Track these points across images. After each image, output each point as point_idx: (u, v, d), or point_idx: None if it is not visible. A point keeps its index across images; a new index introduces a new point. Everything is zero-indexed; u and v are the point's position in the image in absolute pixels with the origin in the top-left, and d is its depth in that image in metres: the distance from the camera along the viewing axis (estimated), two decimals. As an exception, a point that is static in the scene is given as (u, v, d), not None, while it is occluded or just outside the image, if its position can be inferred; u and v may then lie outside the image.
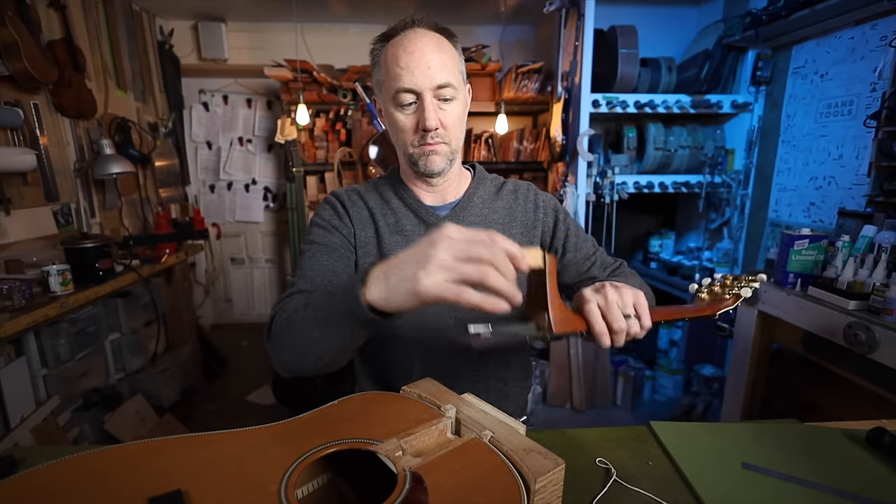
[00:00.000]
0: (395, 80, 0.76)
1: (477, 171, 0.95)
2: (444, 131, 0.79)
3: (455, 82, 0.78)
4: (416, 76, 0.75)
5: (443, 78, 0.75)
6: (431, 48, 0.76)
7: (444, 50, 0.77)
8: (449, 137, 0.80)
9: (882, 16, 1.73)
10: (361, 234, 0.88)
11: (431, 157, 0.80)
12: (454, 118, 0.79)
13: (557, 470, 0.49)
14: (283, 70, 2.78)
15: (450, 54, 0.78)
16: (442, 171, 0.82)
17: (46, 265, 1.61)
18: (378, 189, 0.93)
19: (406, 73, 0.75)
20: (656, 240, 2.86)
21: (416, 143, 0.80)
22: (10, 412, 1.54)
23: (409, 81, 0.75)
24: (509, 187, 0.94)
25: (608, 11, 2.40)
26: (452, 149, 0.82)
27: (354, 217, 0.88)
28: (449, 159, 0.82)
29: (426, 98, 0.76)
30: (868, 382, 1.34)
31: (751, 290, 0.70)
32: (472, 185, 0.91)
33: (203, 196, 3.50)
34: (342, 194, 0.92)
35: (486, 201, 0.91)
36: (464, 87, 0.83)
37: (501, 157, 3.02)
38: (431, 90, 0.76)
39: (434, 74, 0.75)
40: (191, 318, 2.70)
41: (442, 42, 0.78)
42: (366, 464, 0.54)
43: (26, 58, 1.69)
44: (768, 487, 0.60)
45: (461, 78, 0.81)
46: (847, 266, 1.37)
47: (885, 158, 1.62)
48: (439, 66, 0.75)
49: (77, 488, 0.44)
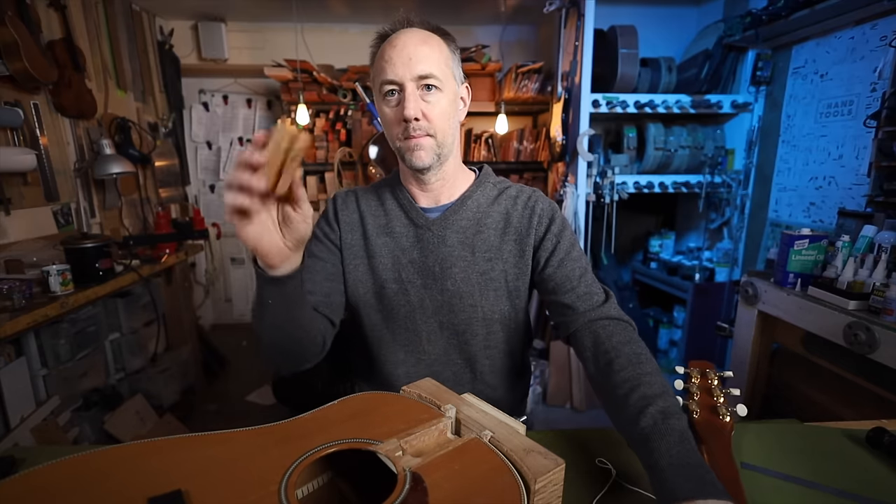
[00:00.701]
0: (380, 74, 0.78)
1: (482, 173, 0.93)
2: (428, 123, 0.77)
3: (439, 74, 0.77)
4: (398, 67, 0.75)
5: (424, 69, 0.75)
6: (415, 41, 0.76)
7: (430, 44, 0.77)
8: (434, 129, 0.78)
9: (882, 16, 1.73)
10: (348, 237, 0.90)
11: (416, 151, 0.79)
12: (439, 110, 0.78)
13: (557, 470, 0.49)
14: (283, 70, 2.78)
15: (436, 48, 0.78)
16: (429, 166, 0.80)
17: (46, 265, 1.61)
18: (377, 190, 0.93)
19: (388, 65, 0.76)
20: (656, 240, 2.86)
21: (401, 136, 0.79)
22: (10, 412, 1.54)
23: (391, 73, 0.76)
24: (511, 192, 0.91)
25: (608, 11, 2.40)
26: (439, 142, 0.80)
27: (343, 221, 0.90)
28: (436, 153, 0.80)
29: (407, 88, 0.76)
30: (868, 382, 1.34)
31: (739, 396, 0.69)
32: (471, 187, 0.90)
33: (203, 196, 3.50)
34: (338, 198, 0.93)
35: (481, 205, 0.89)
36: (454, 83, 0.82)
37: (501, 157, 3.02)
38: (413, 80, 0.76)
39: (415, 65, 0.75)
40: (191, 318, 2.70)
41: (430, 38, 0.78)
42: (366, 464, 0.54)
43: (26, 58, 1.69)
44: (768, 487, 0.60)
45: (449, 73, 0.80)
46: (847, 266, 1.37)
47: (885, 158, 1.62)
48: (421, 58, 0.75)
49: (77, 488, 0.44)
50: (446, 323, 0.88)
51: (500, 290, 0.87)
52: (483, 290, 0.86)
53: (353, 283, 0.89)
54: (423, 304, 0.87)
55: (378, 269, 0.88)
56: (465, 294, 0.86)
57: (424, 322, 0.88)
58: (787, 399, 1.67)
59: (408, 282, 0.87)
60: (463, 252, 0.86)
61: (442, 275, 0.86)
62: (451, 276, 0.86)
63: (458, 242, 0.86)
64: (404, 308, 0.88)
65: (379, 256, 0.88)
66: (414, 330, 0.88)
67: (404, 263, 0.87)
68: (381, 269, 0.87)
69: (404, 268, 0.87)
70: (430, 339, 0.89)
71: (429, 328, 0.88)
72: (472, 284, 0.86)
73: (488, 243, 0.86)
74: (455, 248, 0.86)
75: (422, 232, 0.87)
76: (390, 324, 0.89)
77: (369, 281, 0.88)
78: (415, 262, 0.87)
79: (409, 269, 0.87)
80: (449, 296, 0.86)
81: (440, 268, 0.86)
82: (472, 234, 0.87)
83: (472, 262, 0.86)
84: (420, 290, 0.87)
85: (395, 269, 0.87)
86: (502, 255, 0.86)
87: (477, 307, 0.86)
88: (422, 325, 0.88)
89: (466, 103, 0.88)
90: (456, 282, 0.86)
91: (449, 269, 0.86)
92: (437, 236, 0.86)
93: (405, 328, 0.89)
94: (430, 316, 0.88)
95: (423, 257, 0.86)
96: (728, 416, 0.66)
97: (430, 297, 0.87)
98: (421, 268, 0.87)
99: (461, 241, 0.86)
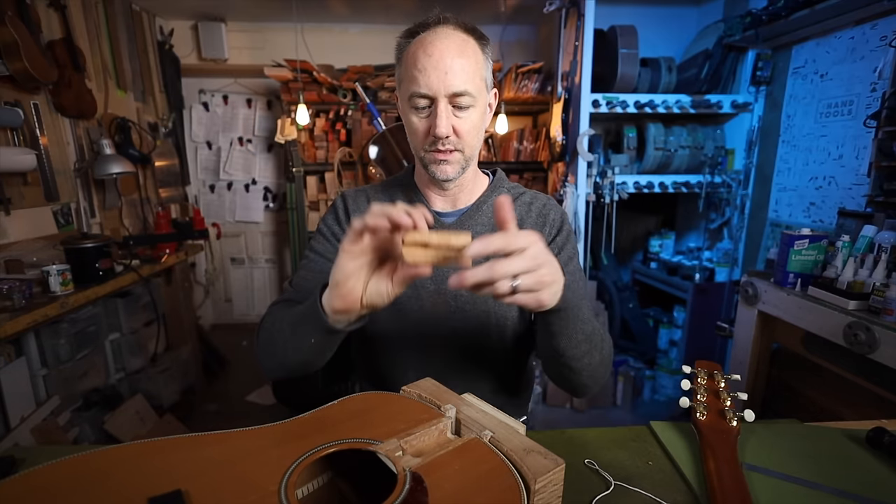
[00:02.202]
0: (412, 83, 0.74)
1: (496, 177, 0.91)
2: (457, 139, 0.76)
3: (474, 90, 0.74)
4: (433, 81, 0.71)
5: (460, 85, 0.72)
6: (452, 52, 0.72)
7: (467, 54, 0.73)
8: (462, 145, 0.77)
9: (882, 16, 1.73)
10: None
11: (443, 165, 0.78)
12: (469, 126, 0.76)
13: (557, 470, 0.49)
14: (283, 70, 2.78)
15: (472, 59, 0.74)
16: (454, 178, 0.80)
17: (46, 265, 1.62)
18: (388, 190, 0.91)
19: (422, 76, 0.72)
20: (656, 240, 2.86)
21: (428, 148, 0.77)
22: (10, 412, 1.54)
23: (425, 86, 0.72)
24: (525, 199, 0.89)
25: (608, 11, 2.40)
26: (466, 156, 0.79)
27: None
28: (462, 167, 0.80)
29: (440, 105, 0.73)
30: (868, 382, 1.34)
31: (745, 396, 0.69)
32: (486, 192, 0.88)
33: (203, 196, 3.50)
34: (349, 196, 0.91)
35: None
36: (485, 94, 0.79)
37: (501, 157, 3.02)
38: (447, 97, 0.73)
39: (451, 81, 0.71)
40: (191, 318, 2.70)
41: (466, 45, 0.74)
42: (366, 464, 0.54)
43: (26, 58, 1.69)
44: (768, 487, 0.60)
45: (483, 84, 0.77)
46: (847, 266, 1.37)
47: (885, 158, 1.62)
48: (457, 73, 0.72)
49: (77, 488, 0.44)
50: (458, 329, 0.86)
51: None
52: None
53: None
54: (436, 310, 0.85)
55: None
56: (477, 300, 0.84)
57: (435, 327, 0.86)
58: (787, 399, 1.67)
59: (420, 287, 0.85)
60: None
61: None
62: None
63: None
64: (416, 313, 0.86)
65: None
66: (424, 335, 0.86)
67: None
68: None
69: None
70: (440, 345, 0.87)
71: (440, 333, 0.86)
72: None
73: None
74: None
75: None
76: (400, 328, 0.87)
77: None
78: None
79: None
80: (462, 302, 0.85)
81: (454, 273, 0.84)
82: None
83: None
84: (433, 296, 0.85)
85: None
86: None
87: (490, 313, 0.85)
88: (432, 331, 0.86)
89: (493, 109, 0.85)
90: None
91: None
92: None
93: (416, 333, 0.87)
94: (441, 321, 0.86)
95: None
96: (735, 420, 0.65)
97: (442, 302, 0.85)
98: (434, 273, 0.84)
99: None
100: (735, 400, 0.69)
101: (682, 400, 0.70)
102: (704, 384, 0.72)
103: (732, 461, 0.59)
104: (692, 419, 0.68)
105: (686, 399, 0.70)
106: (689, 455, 0.66)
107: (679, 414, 0.74)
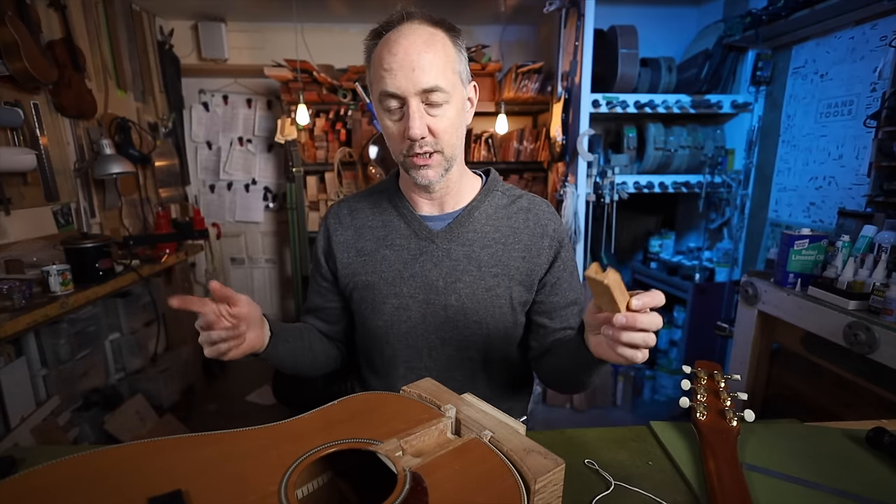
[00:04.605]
0: (379, 84, 0.70)
1: (489, 180, 0.88)
2: (434, 140, 0.72)
3: (446, 84, 0.70)
4: (400, 79, 0.68)
5: (430, 81, 0.68)
6: (418, 47, 0.68)
7: (435, 48, 0.69)
8: (441, 145, 0.73)
9: (882, 16, 1.73)
10: (344, 257, 0.87)
11: (423, 170, 0.75)
12: (446, 124, 0.72)
13: (557, 470, 0.49)
14: (283, 70, 2.78)
15: (442, 52, 0.69)
16: (437, 182, 0.77)
17: (46, 265, 1.61)
18: (372, 198, 0.89)
19: (389, 76, 0.68)
20: (656, 240, 2.86)
21: (406, 153, 0.74)
22: (10, 412, 1.54)
23: (392, 85, 0.68)
24: (523, 204, 0.86)
25: (608, 11, 2.40)
26: (447, 157, 0.75)
27: (337, 243, 0.87)
28: (445, 168, 0.76)
29: (412, 104, 0.69)
30: (868, 382, 1.34)
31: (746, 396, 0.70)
32: (479, 196, 0.85)
33: (203, 196, 3.49)
34: (330, 217, 0.90)
35: (489, 217, 0.84)
36: (461, 88, 0.75)
37: (501, 158, 3.02)
38: (417, 95, 0.69)
39: (419, 77, 0.67)
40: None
41: (434, 38, 0.70)
42: (366, 464, 0.54)
43: (26, 58, 1.69)
44: (768, 487, 0.60)
45: (457, 78, 0.73)
46: (847, 266, 1.37)
47: (885, 158, 1.62)
48: (426, 68, 0.67)
49: (77, 488, 0.44)
50: (449, 339, 0.84)
51: (504, 307, 0.83)
52: (489, 306, 0.82)
53: (355, 300, 0.87)
54: (426, 320, 0.83)
55: (378, 284, 0.83)
56: (469, 310, 0.81)
57: (426, 338, 0.84)
58: (787, 399, 1.67)
59: (409, 296, 0.82)
60: (469, 266, 0.81)
61: (446, 290, 0.81)
62: (455, 292, 0.81)
63: (464, 256, 0.82)
64: (405, 324, 0.83)
65: (379, 272, 0.83)
66: (415, 346, 0.84)
67: (406, 277, 0.82)
68: (382, 284, 0.83)
69: (406, 282, 0.82)
70: (431, 355, 0.85)
71: (430, 344, 0.84)
72: (477, 301, 0.81)
73: (496, 258, 0.82)
74: (461, 262, 0.81)
75: (425, 245, 0.82)
76: (391, 339, 0.85)
77: (370, 296, 0.84)
78: (417, 275, 0.82)
79: (410, 284, 0.82)
80: (453, 312, 0.82)
81: (444, 283, 0.81)
82: (479, 247, 0.82)
83: (479, 278, 0.81)
84: (422, 306, 0.82)
85: (397, 283, 0.82)
86: (509, 272, 0.82)
87: (482, 323, 0.82)
88: (423, 341, 0.84)
89: (474, 103, 0.81)
90: (461, 297, 0.81)
91: (454, 285, 0.81)
92: (441, 249, 0.82)
93: (406, 344, 0.85)
94: (431, 332, 0.83)
95: (426, 271, 0.82)
96: (735, 420, 0.65)
97: (432, 312, 0.82)
98: (424, 282, 0.82)
99: (467, 254, 0.82)
100: (735, 400, 0.69)
101: (682, 400, 0.70)
102: (704, 384, 0.72)
103: (732, 461, 0.59)
104: (692, 419, 0.68)
105: (686, 399, 0.70)
106: (689, 455, 0.66)
107: (679, 414, 0.74)
